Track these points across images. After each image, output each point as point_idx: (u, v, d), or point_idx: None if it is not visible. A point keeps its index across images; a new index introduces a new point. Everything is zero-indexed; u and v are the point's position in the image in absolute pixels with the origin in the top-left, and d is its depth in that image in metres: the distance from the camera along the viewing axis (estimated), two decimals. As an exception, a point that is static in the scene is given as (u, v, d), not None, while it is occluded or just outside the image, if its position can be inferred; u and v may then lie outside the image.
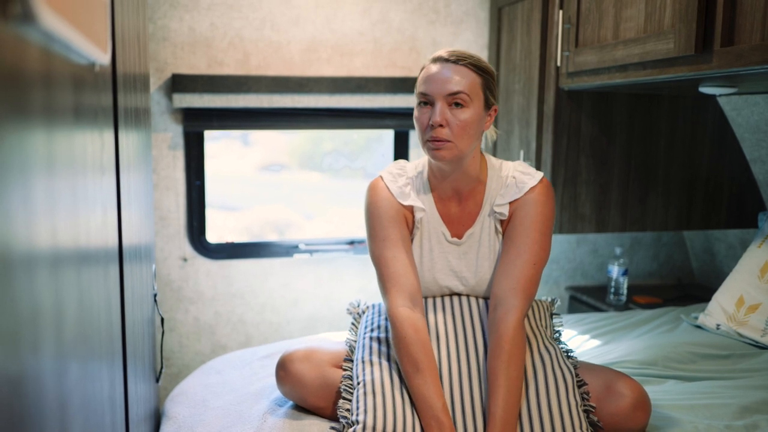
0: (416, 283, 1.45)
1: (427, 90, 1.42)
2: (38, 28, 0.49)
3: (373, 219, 1.49)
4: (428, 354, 1.36)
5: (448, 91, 1.40)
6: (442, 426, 1.29)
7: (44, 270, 0.55)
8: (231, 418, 1.52)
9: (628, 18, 1.81)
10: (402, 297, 1.41)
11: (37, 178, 0.53)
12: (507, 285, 1.40)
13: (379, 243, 1.47)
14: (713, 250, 2.74)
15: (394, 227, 1.47)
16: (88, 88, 0.76)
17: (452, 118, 1.40)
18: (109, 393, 0.89)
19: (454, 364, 1.40)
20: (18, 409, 0.48)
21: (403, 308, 1.40)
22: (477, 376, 1.38)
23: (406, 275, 1.44)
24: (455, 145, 1.41)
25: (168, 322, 2.49)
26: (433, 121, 1.39)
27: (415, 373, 1.34)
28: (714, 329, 2.06)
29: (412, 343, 1.36)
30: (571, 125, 2.21)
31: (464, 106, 1.40)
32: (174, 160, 2.44)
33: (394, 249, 1.46)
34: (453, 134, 1.40)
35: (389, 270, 1.44)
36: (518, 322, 1.36)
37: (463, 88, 1.40)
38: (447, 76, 1.40)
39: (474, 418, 1.34)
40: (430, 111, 1.42)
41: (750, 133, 2.25)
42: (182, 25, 2.37)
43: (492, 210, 1.50)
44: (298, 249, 2.61)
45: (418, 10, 2.56)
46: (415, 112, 1.46)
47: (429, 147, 1.42)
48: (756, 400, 1.55)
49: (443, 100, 1.40)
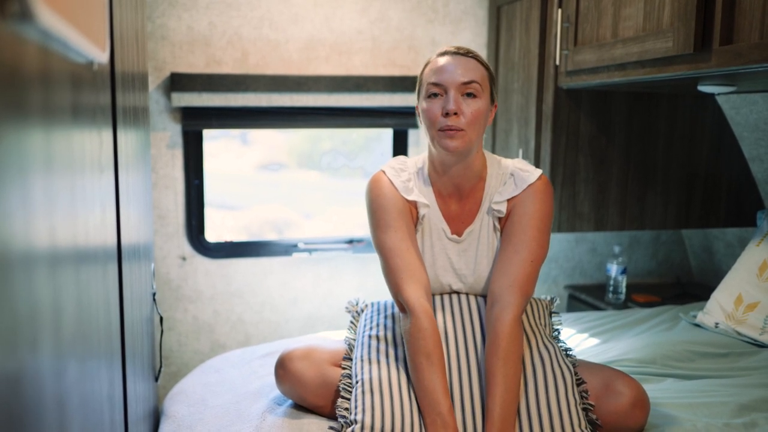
0: (428, 278, 1.45)
1: (440, 80, 1.41)
2: (36, 26, 0.48)
3: (380, 211, 1.46)
4: (440, 351, 1.36)
5: (461, 80, 1.40)
6: (447, 427, 1.28)
7: (43, 269, 0.55)
8: (230, 416, 1.52)
9: (627, 17, 1.81)
10: (419, 289, 1.40)
11: (35, 177, 0.53)
12: (504, 282, 1.40)
13: (391, 233, 1.44)
14: (712, 249, 2.74)
15: (402, 219, 1.46)
16: (86, 86, 0.76)
17: (465, 108, 1.40)
18: (108, 392, 0.89)
19: (454, 363, 1.40)
20: (16, 408, 0.47)
21: (422, 299, 1.38)
22: (477, 375, 1.38)
23: (420, 268, 1.43)
24: (467, 134, 1.40)
25: (167, 321, 2.49)
26: (449, 110, 1.38)
27: (429, 366, 1.32)
28: (712, 328, 2.07)
29: (430, 336, 1.35)
30: (569, 124, 2.21)
31: (476, 96, 1.41)
32: (173, 159, 2.44)
33: (407, 240, 1.44)
34: (467, 123, 1.40)
35: (404, 261, 1.41)
36: (515, 319, 1.35)
37: (475, 77, 1.41)
38: (459, 66, 1.41)
39: (474, 417, 1.33)
40: (441, 101, 1.41)
41: (749, 131, 2.25)
42: (181, 24, 2.37)
43: (490, 207, 1.50)
44: (297, 248, 2.61)
45: (416, 9, 2.56)
46: (423, 104, 1.44)
47: (441, 136, 1.40)
48: (754, 399, 1.55)
49: (456, 89, 1.40)
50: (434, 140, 1.43)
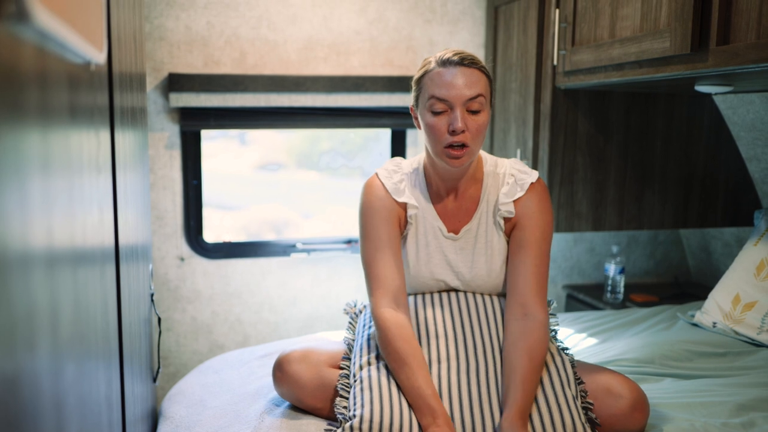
0: (401, 285, 1.47)
1: (447, 96, 1.40)
2: (33, 27, 0.48)
3: (365, 219, 1.51)
4: (412, 347, 1.38)
5: (467, 97, 1.40)
6: (434, 412, 1.30)
7: (40, 270, 0.55)
8: (228, 417, 1.52)
9: (625, 17, 1.81)
10: (386, 298, 1.44)
11: (32, 178, 0.53)
12: (531, 294, 1.44)
13: (369, 244, 1.49)
14: (709, 249, 2.75)
15: (385, 228, 1.49)
16: (83, 87, 0.76)
17: (471, 123, 1.41)
18: (105, 393, 0.89)
19: (453, 359, 1.41)
20: (14, 409, 0.47)
21: (386, 309, 1.43)
22: (475, 370, 1.39)
23: (391, 277, 1.46)
24: (471, 150, 1.42)
25: (165, 321, 2.49)
26: (456, 128, 1.39)
27: (401, 367, 1.36)
28: (710, 327, 2.07)
29: (395, 339, 1.38)
30: (567, 124, 2.21)
31: (480, 111, 1.42)
32: (171, 159, 2.44)
33: (382, 251, 1.48)
34: (471, 138, 1.41)
35: (374, 271, 1.47)
36: (547, 335, 1.41)
37: (481, 91, 1.42)
38: (464, 82, 1.40)
39: (471, 411, 1.34)
40: (447, 117, 1.41)
41: (746, 131, 2.25)
42: (179, 24, 2.37)
43: (497, 208, 1.51)
44: (296, 248, 2.61)
45: (414, 9, 2.56)
46: (428, 118, 1.43)
47: (447, 155, 1.42)
48: (752, 398, 1.55)
49: (462, 105, 1.40)
50: (439, 156, 1.44)
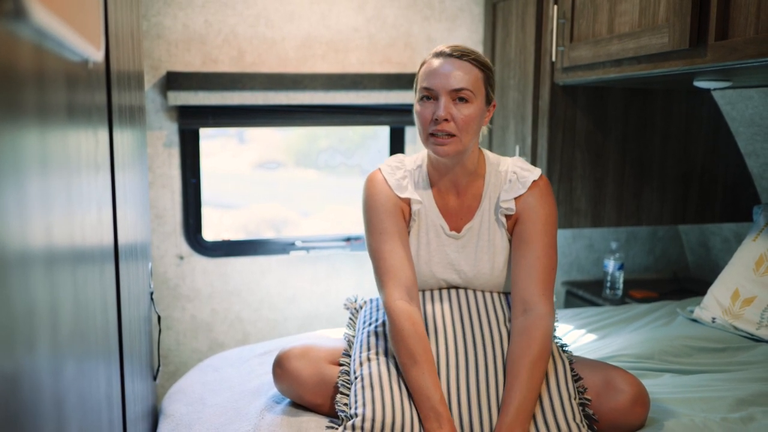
0: (412, 277, 1.46)
1: (431, 84, 1.42)
2: (30, 25, 0.48)
3: (371, 212, 1.50)
4: (425, 346, 1.37)
5: (452, 87, 1.40)
6: (441, 418, 1.30)
7: (39, 268, 0.55)
8: (229, 415, 1.52)
9: (623, 12, 1.81)
10: (399, 290, 1.42)
11: (31, 177, 0.53)
12: (535, 290, 1.42)
13: (377, 236, 1.48)
14: (708, 244, 2.75)
15: (391, 220, 1.48)
16: (81, 85, 0.76)
17: (456, 113, 1.40)
18: (106, 391, 0.89)
19: (452, 356, 1.41)
20: (14, 407, 0.47)
21: (400, 301, 1.41)
22: (475, 367, 1.39)
23: (402, 268, 1.45)
24: (459, 140, 1.41)
25: (165, 320, 2.49)
26: (438, 116, 1.39)
27: (413, 366, 1.35)
28: (710, 323, 2.07)
29: (410, 336, 1.37)
30: (566, 120, 2.21)
31: (468, 102, 1.41)
32: (169, 157, 2.43)
33: (391, 242, 1.46)
34: (457, 128, 1.41)
35: (386, 263, 1.45)
36: (550, 329, 1.39)
37: (467, 85, 1.41)
38: (451, 71, 1.41)
39: (470, 409, 1.34)
40: (433, 105, 1.42)
41: (745, 126, 2.25)
42: (176, 23, 2.36)
43: (498, 206, 1.50)
44: (295, 246, 2.61)
45: (412, 6, 2.56)
46: (417, 106, 1.46)
47: (432, 142, 1.42)
48: (752, 393, 1.55)
49: (447, 95, 1.40)
50: (426, 143, 1.45)
